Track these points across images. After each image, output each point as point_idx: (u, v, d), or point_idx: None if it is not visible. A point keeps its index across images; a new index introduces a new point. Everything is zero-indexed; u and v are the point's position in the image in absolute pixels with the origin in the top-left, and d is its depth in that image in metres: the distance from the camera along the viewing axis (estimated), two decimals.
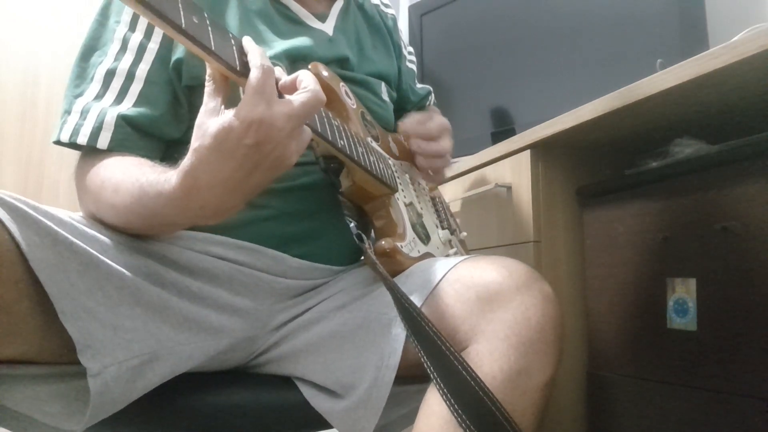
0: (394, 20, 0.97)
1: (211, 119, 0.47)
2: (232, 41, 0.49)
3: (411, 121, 0.82)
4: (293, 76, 0.52)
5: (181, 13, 0.44)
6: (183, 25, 0.43)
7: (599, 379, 0.95)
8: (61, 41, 1.93)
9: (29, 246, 0.47)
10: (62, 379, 0.53)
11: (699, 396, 0.75)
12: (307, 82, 0.50)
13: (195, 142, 0.48)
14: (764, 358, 0.67)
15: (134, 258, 0.58)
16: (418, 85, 1.03)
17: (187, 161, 0.49)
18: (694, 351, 0.76)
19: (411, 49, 1.03)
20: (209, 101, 0.49)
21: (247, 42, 0.51)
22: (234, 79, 0.50)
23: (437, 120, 0.85)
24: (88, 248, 0.52)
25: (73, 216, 0.57)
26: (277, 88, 0.50)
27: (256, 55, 0.48)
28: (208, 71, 0.50)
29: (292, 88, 0.51)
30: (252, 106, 0.46)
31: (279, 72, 0.52)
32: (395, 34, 0.95)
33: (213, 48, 0.46)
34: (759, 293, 0.68)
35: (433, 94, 1.08)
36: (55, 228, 0.50)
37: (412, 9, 1.67)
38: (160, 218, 0.56)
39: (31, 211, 0.50)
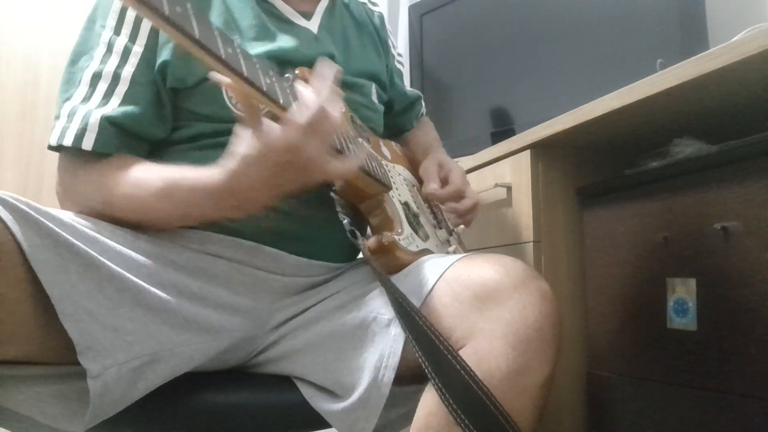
0: (382, 18, 0.97)
1: (264, 138, 0.53)
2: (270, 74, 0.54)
3: (434, 185, 0.83)
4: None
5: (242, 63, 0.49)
6: (245, 73, 0.49)
7: (599, 379, 0.95)
8: (61, 41, 1.93)
9: (31, 247, 0.48)
10: (63, 380, 0.53)
11: (699, 396, 0.75)
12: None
13: (243, 150, 0.54)
14: (764, 358, 0.67)
15: (134, 259, 0.58)
16: (408, 89, 1.04)
17: (234, 164, 0.55)
18: (694, 351, 0.76)
19: (400, 51, 1.03)
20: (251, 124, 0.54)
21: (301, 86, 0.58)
22: (274, 110, 0.54)
23: (454, 171, 0.85)
24: (89, 250, 0.52)
25: (74, 217, 0.57)
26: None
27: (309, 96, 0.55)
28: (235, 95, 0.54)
29: None
30: (296, 138, 0.52)
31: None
32: (382, 32, 0.95)
33: (265, 89, 0.52)
34: (759, 293, 0.68)
35: (423, 102, 1.08)
36: (57, 229, 0.51)
37: (412, 9, 1.67)
38: (189, 210, 0.61)
39: (32, 213, 0.50)
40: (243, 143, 0.54)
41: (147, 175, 0.62)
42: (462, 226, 0.96)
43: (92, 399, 0.49)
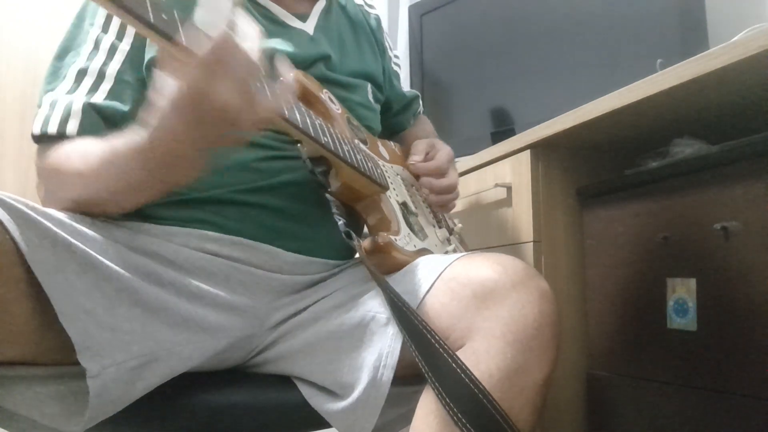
0: (378, 20, 0.97)
1: (171, 86, 0.47)
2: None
3: (419, 157, 0.84)
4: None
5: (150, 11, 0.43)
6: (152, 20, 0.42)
7: (599, 379, 0.95)
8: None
9: (29, 247, 0.48)
10: (61, 380, 0.53)
11: (699, 396, 0.75)
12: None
13: (157, 102, 0.49)
14: (764, 358, 0.67)
15: (133, 258, 0.58)
16: (406, 89, 1.04)
17: (152, 118, 0.50)
18: (694, 351, 0.76)
19: (397, 53, 1.04)
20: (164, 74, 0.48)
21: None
22: (166, 47, 0.46)
23: (442, 151, 0.87)
24: (87, 249, 0.52)
25: (73, 217, 0.57)
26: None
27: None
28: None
29: None
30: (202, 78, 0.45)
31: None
32: (379, 34, 0.95)
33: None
34: (759, 293, 0.68)
35: (421, 100, 1.09)
36: (54, 229, 0.51)
37: (412, 9, 1.67)
38: (131, 178, 0.55)
39: (30, 212, 0.50)
40: (157, 95, 0.49)
41: (93, 146, 0.58)
42: (460, 225, 0.96)
43: (91, 399, 0.49)
